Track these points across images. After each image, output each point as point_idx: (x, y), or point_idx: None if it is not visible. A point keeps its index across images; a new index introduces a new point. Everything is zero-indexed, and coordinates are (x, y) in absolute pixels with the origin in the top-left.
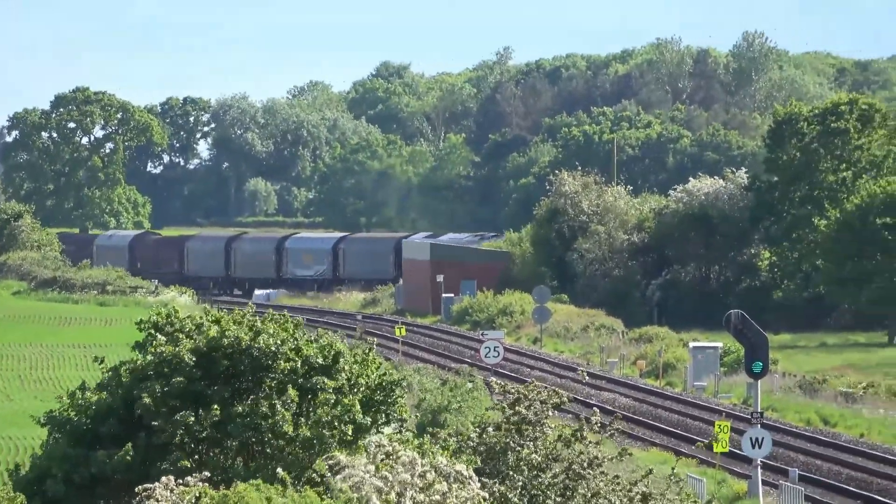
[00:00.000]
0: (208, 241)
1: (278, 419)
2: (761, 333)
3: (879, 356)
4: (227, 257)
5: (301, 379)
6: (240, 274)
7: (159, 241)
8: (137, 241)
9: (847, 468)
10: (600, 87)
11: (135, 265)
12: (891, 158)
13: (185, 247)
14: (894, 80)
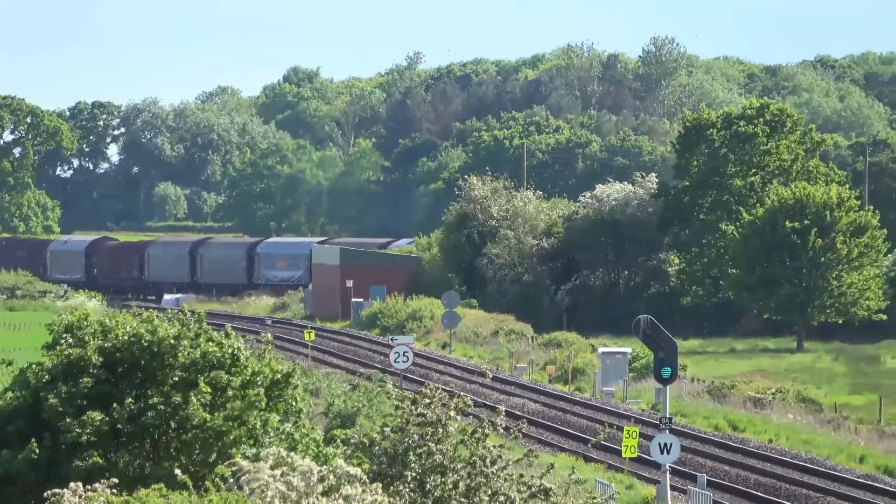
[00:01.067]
0: (171, 246)
1: (191, 410)
2: (670, 339)
3: (788, 362)
4: (192, 263)
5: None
6: (207, 279)
7: (118, 246)
8: (94, 248)
9: (755, 474)
10: (510, 92)
11: (91, 271)
12: (799, 163)
13: (146, 252)
14: (804, 85)
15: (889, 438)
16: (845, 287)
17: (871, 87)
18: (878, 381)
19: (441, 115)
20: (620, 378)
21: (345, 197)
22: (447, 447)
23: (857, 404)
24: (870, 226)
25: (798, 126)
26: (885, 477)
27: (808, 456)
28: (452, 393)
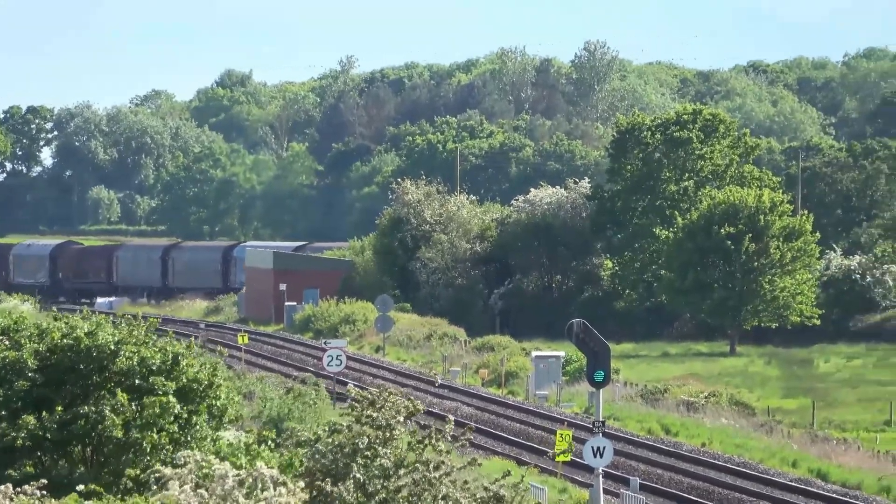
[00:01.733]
0: (141, 250)
1: (108, 424)
2: (603, 342)
3: (721, 365)
4: (164, 266)
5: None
6: (180, 283)
7: (84, 250)
8: (59, 251)
9: (688, 477)
10: (444, 96)
11: (56, 275)
12: (733, 168)
13: (115, 256)
14: (737, 90)
15: (822, 442)
16: (778, 291)
17: (804, 92)
18: (810, 384)
19: (374, 119)
20: (553, 382)
21: (278, 201)
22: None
23: (790, 408)
24: (803, 230)
25: (731, 131)
26: (818, 481)
27: (740, 460)
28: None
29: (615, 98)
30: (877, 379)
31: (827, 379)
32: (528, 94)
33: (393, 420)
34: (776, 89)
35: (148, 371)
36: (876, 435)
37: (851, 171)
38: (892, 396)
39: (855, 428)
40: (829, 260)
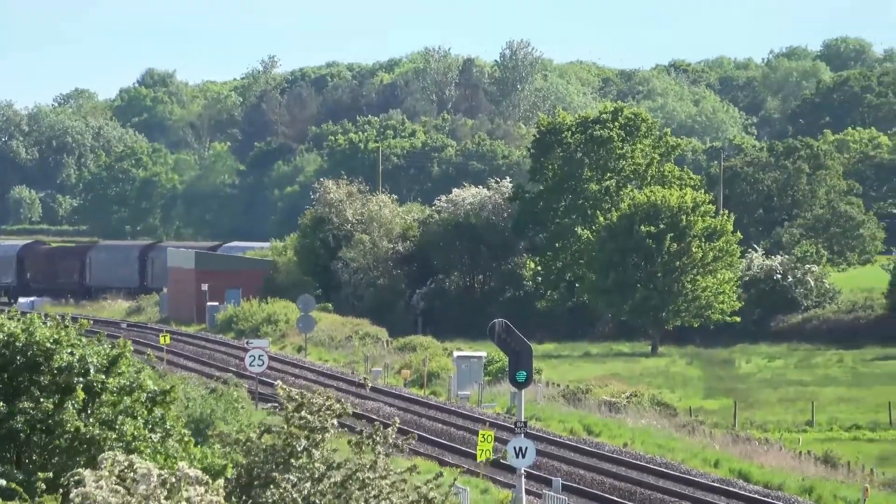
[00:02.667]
0: (117, 250)
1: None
2: (525, 342)
3: (643, 366)
4: (142, 267)
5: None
6: (159, 284)
7: (54, 251)
8: (27, 251)
9: (610, 478)
10: (366, 96)
11: (24, 276)
12: (654, 167)
13: (88, 257)
14: (658, 89)
15: (743, 443)
16: (700, 291)
17: (726, 92)
18: (732, 385)
19: (297, 118)
20: (475, 382)
21: (200, 200)
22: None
23: (712, 408)
24: (724, 230)
25: (653, 130)
26: (739, 481)
27: (662, 460)
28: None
29: (537, 97)
30: (798, 379)
31: (748, 379)
32: (450, 93)
33: (326, 422)
34: (698, 89)
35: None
36: (797, 436)
37: (773, 171)
38: (814, 397)
39: (777, 428)
40: (751, 260)
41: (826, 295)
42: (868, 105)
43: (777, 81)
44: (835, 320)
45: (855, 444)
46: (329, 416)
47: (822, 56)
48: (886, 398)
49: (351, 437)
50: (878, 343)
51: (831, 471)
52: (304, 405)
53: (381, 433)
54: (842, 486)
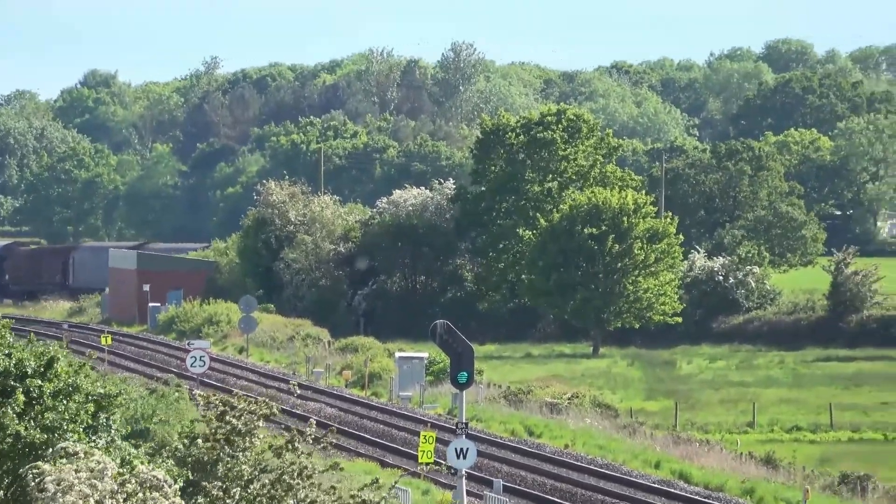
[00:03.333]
0: (101, 251)
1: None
2: (467, 344)
3: (584, 367)
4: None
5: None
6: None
7: (36, 251)
8: (7, 252)
9: (551, 479)
10: (308, 97)
11: (3, 277)
12: (596, 169)
13: (71, 258)
14: (600, 91)
15: (684, 444)
16: (641, 292)
17: (668, 93)
18: (673, 386)
19: (239, 119)
20: (417, 383)
21: (142, 201)
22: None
23: (653, 410)
24: (666, 232)
25: (595, 131)
26: (680, 482)
27: (603, 461)
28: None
29: (480, 99)
30: (739, 380)
31: (689, 380)
32: (393, 94)
33: (252, 425)
34: (640, 90)
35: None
36: (738, 437)
37: (715, 173)
38: (755, 398)
39: (717, 429)
40: (693, 261)
41: (767, 296)
42: (810, 106)
43: (719, 83)
44: (776, 321)
45: (796, 446)
46: (254, 420)
47: (764, 57)
48: (827, 399)
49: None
50: (819, 344)
51: (772, 472)
52: (228, 411)
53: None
54: (783, 488)
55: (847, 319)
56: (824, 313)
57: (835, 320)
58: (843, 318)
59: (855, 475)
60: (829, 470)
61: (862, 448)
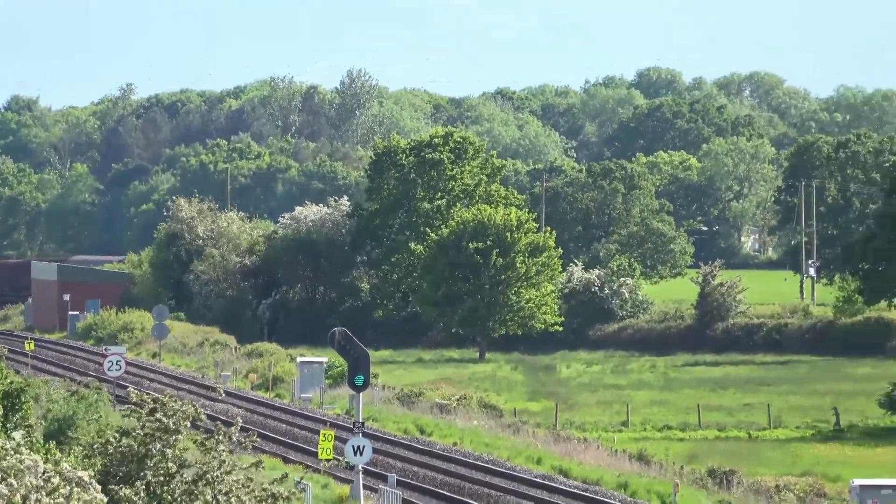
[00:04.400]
0: None
1: None
2: (363, 349)
3: (471, 370)
4: None
5: None
6: None
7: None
8: None
9: (441, 474)
10: (215, 120)
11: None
12: (482, 188)
13: None
14: (485, 115)
15: (564, 441)
16: (524, 302)
17: (548, 118)
18: (553, 388)
19: (151, 141)
20: (317, 385)
21: (62, 217)
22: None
23: (535, 410)
24: (546, 246)
25: (480, 153)
26: (560, 477)
27: (489, 458)
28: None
29: (374, 122)
30: (614, 383)
31: (568, 383)
32: (294, 118)
33: (180, 424)
34: (522, 114)
35: None
36: (613, 435)
37: (591, 191)
38: (628, 399)
39: (594, 428)
40: (571, 273)
41: (640, 306)
42: (678, 130)
43: (594, 108)
44: (648, 329)
45: (666, 443)
46: (182, 419)
47: (636, 84)
48: (695, 401)
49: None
50: (687, 350)
51: (645, 467)
52: (159, 409)
53: (224, 433)
54: (654, 482)
55: (713, 327)
56: (692, 322)
57: (702, 328)
58: (709, 326)
59: (721, 470)
60: (697, 466)
61: (727, 445)
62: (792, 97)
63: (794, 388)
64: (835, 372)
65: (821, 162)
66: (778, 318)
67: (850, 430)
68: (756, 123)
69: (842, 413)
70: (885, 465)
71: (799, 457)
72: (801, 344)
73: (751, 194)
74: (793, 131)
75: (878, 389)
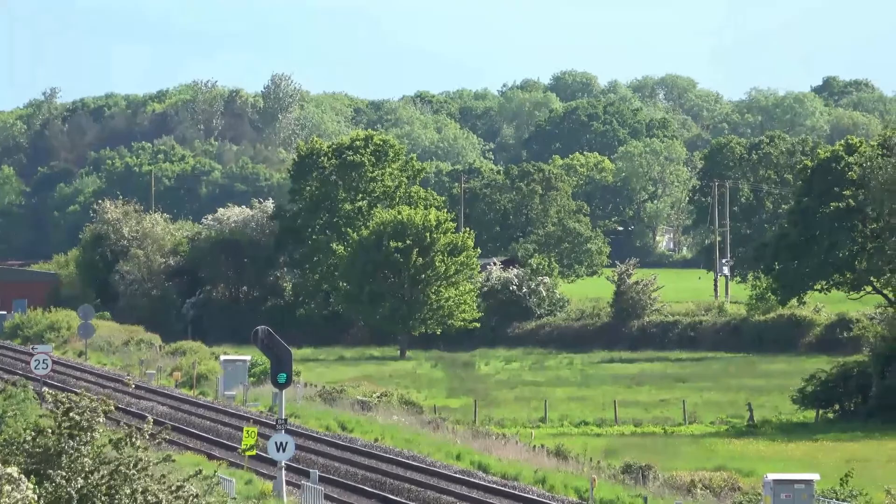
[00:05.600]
0: None
1: None
2: (285, 347)
3: (392, 368)
4: None
5: None
6: None
7: None
8: None
9: (363, 470)
10: (140, 124)
11: None
12: (402, 189)
13: None
14: (405, 118)
15: (483, 437)
16: (443, 301)
17: (466, 121)
18: (473, 385)
19: (77, 144)
20: (241, 383)
21: None
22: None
23: (455, 407)
24: (465, 246)
25: (400, 155)
26: (479, 472)
27: (410, 453)
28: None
29: (297, 126)
30: (532, 380)
31: (487, 380)
32: (217, 122)
33: (93, 421)
34: (440, 117)
35: None
36: (531, 431)
37: (509, 192)
38: (546, 396)
39: (513, 424)
40: (490, 272)
41: (557, 304)
42: (594, 132)
43: (511, 111)
44: (565, 327)
45: (583, 439)
46: (96, 417)
47: (552, 88)
48: (611, 397)
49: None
50: (603, 347)
51: (562, 463)
52: (73, 408)
53: (137, 429)
54: (571, 477)
55: (629, 325)
56: (609, 319)
57: (618, 326)
58: (625, 323)
59: (637, 465)
60: (614, 461)
61: (643, 441)
62: (705, 100)
63: (709, 384)
64: (748, 368)
65: (734, 163)
66: (693, 316)
67: (763, 425)
68: (670, 126)
69: (755, 409)
70: (797, 459)
71: (714, 452)
72: (715, 341)
73: (665, 195)
74: (706, 133)
75: (791, 385)
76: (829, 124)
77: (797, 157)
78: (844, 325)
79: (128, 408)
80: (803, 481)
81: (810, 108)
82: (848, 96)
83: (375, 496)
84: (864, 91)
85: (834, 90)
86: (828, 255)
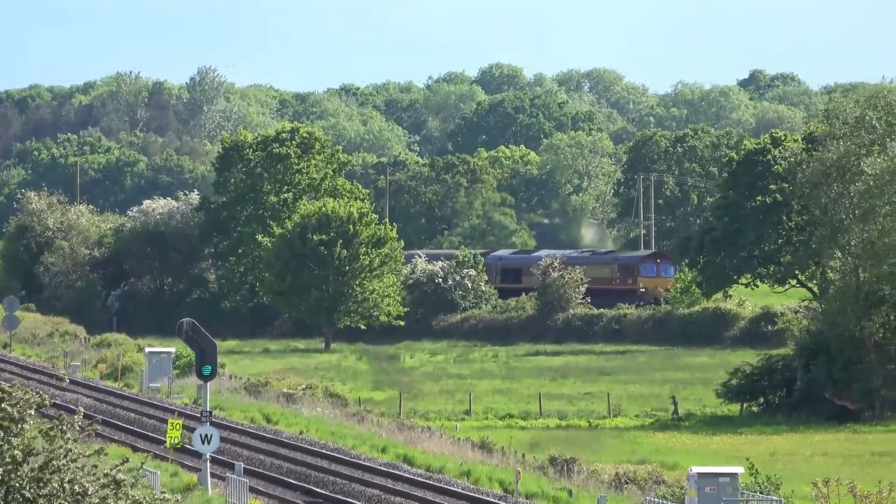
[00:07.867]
0: None
1: None
2: (210, 340)
3: (317, 360)
4: None
5: None
6: None
7: None
8: None
9: (288, 462)
10: (65, 115)
11: None
12: (328, 181)
13: None
14: (330, 110)
15: (408, 430)
16: (368, 294)
17: (391, 113)
18: (397, 378)
19: (1, 136)
20: (165, 375)
21: None
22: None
23: (380, 399)
24: (389, 238)
25: (325, 147)
26: (404, 465)
27: (335, 446)
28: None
29: (222, 118)
30: (457, 373)
31: (412, 373)
32: (142, 114)
33: (24, 413)
34: (366, 110)
35: None
36: (456, 423)
37: (434, 185)
38: (471, 388)
39: (438, 417)
40: (415, 265)
41: (482, 297)
42: (520, 125)
43: (437, 103)
44: (490, 320)
45: (508, 432)
46: (27, 408)
47: (478, 80)
48: (536, 390)
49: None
50: (528, 340)
51: (487, 455)
52: (4, 399)
53: (68, 421)
54: (497, 470)
55: (554, 318)
56: (534, 312)
57: (543, 319)
58: (550, 316)
59: (562, 458)
60: (539, 454)
61: (568, 433)
62: (631, 93)
63: (634, 377)
64: (673, 361)
65: (659, 156)
66: (617, 309)
67: (687, 418)
68: (596, 119)
69: (680, 402)
70: (722, 453)
71: (638, 445)
72: (640, 334)
73: (590, 188)
74: (632, 126)
75: (716, 379)
76: (755, 118)
77: (722, 150)
78: (769, 319)
79: (53, 399)
80: (728, 474)
81: (736, 102)
82: (774, 90)
83: (300, 489)
84: (790, 85)
85: (760, 83)
86: (753, 249)
